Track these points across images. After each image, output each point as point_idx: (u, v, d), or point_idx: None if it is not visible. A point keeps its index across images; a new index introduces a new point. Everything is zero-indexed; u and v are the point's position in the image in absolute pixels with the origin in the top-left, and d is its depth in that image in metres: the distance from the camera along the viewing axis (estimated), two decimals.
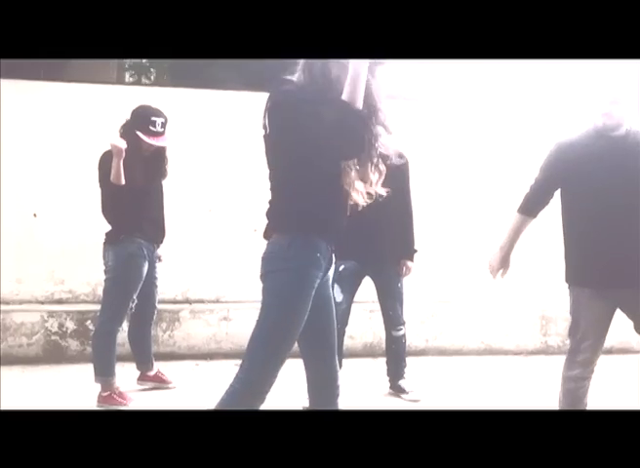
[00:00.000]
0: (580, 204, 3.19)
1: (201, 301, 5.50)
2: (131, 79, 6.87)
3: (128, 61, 6.75)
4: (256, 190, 5.44)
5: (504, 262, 3.37)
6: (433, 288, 5.56)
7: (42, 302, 5.32)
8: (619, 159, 3.11)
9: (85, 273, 5.26)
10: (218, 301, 5.51)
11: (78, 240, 5.21)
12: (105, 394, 3.98)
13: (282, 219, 2.35)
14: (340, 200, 2.36)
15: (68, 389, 4.41)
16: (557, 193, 3.32)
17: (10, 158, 5.22)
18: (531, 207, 3.35)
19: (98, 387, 4.05)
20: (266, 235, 2.41)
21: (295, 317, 2.33)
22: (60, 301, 5.35)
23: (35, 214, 5.27)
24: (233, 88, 5.56)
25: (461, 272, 5.75)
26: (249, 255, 5.43)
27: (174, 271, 4.77)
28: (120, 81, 5.33)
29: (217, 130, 5.50)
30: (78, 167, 5.24)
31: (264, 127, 2.33)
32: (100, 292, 5.22)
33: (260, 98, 5.25)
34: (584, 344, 3.17)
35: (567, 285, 3.30)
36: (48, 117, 5.31)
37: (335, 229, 2.39)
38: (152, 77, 7.04)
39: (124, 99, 5.29)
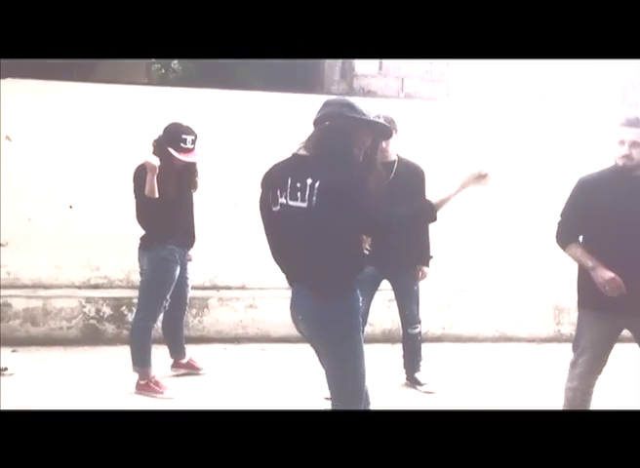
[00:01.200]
0: (596, 237, 3.34)
1: (228, 287, 5.77)
2: (160, 72, 7.03)
3: (156, 61, 6.90)
4: None
5: (607, 272, 3.30)
6: (449, 277, 5.74)
7: (79, 287, 5.63)
8: (635, 196, 3.25)
9: (118, 260, 5.56)
10: (243, 288, 5.78)
11: (111, 230, 5.49)
12: (143, 382, 4.30)
13: (340, 285, 2.66)
14: None
15: (107, 369, 4.79)
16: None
17: (47, 156, 5.51)
18: (568, 237, 3.45)
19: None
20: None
21: (361, 350, 2.72)
22: (95, 286, 5.66)
23: (71, 206, 5.55)
24: (257, 88, 5.72)
25: (477, 262, 5.94)
26: None
27: (203, 260, 4.98)
28: (150, 81, 5.50)
29: (241, 128, 5.69)
30: (109, 163, 5.52)
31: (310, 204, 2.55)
32: (132, 277, 5.58)
33: (281, 99, 5.46)
34: (582, 359, 3.40)
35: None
36: (81, 116, 5.55)
37: None
38: (179, 73, 7.19)
39: (153, 100, 5.57)
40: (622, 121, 3.25)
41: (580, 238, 3.47)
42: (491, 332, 5.88)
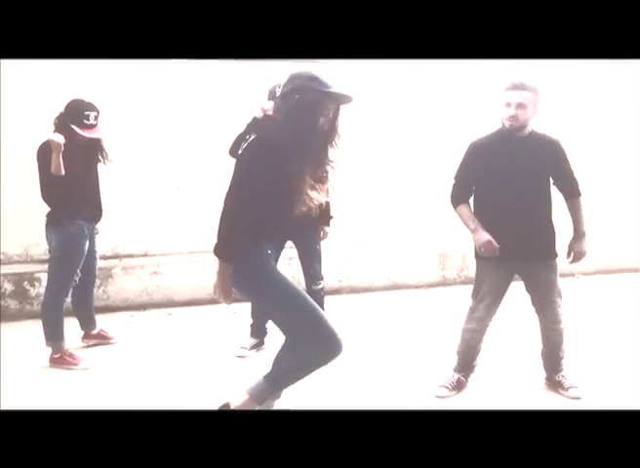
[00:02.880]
0: (488, 193, 3.71)
1: (130, 256, 5.85)
2: None
3: None
4: (177, 152, 5.80)
5: (485, 234, 3.68)
6: (345, 233, 6.05)
7: None
8: (521, 157, 3.63)
9: (16, 236, 5.48)
10: (146, 255, 5.87)
11: (5, 206, 5.39)
12: (57, 356, 4.37)
13: (242, 243, 2.81)
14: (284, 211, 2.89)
15: (16, 344, 4.79)
16: None
17: None
18: (460, 198, 3.80)
19: (42, 343, 4.41)
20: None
21: (288, 286, 2.89)
22: None
23: None
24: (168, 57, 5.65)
25: (369, 217, 6.31)
26: (173, 212, 5.84)
27: (103, 230, 5.00)
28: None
29: (142, 98, 5.70)
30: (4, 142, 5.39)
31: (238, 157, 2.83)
32: (31, 252, 5.56)
33: (181, 66, 5.37)
34: (481, 304, 3.81)
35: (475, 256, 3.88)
36: None
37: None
38: None
39: (46, 74, 5.43)
40: (508, 85, 3.60)
41: (471, 199, 3.81)
42: (383, 282, 6.32)
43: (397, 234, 6.35)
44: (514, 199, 3.65)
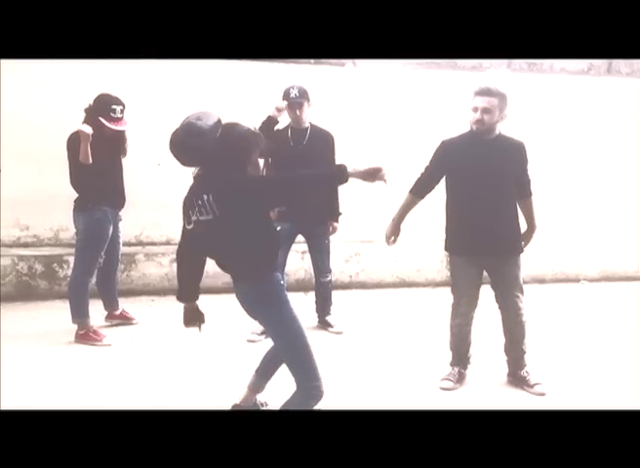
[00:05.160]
0: (457, 191, 3.94)
1: (153, 243, 6.18)
2: None
3: None
4: None
5: (396, 231, 4.14)
6: (356, 230, 6.32)
7: (10, 246, 5.90)
8: (488, 157, 3.85)
9: (47, 220, 5.87)
10: (168, 243, 6.19)
11: (38, 191, 5.76)
12: (82, 332, 4.71)
13: (259, 270, 3.04)
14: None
15: (44, 322, 5.14)
16: None
17: None
18: (420, 190, 4.07)
19: (68, 320, 4.74)
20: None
21: (294, 325, 3.04)
22: (25, 245, 5.95)
23: None
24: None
25: (378, 216, 6.52)
26: None
27: (128, 218, 5.20)
28: None
29: (168, 94, 6.04)
30: (36, 124, 5.76)
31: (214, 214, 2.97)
32: (60, 236, 5.91)
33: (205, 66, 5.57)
34: (463, 299, 4.05)
35: (447, 253, 4.12)
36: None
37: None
38: None
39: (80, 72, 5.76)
40: (476, 90, 3.83)
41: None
42: (392, 279, 6.57)
43: (406, 234, 6.56)
44: (482, 198, 3.86)
